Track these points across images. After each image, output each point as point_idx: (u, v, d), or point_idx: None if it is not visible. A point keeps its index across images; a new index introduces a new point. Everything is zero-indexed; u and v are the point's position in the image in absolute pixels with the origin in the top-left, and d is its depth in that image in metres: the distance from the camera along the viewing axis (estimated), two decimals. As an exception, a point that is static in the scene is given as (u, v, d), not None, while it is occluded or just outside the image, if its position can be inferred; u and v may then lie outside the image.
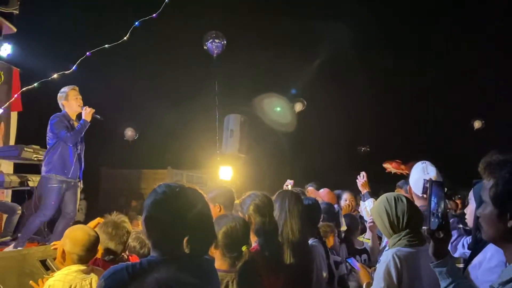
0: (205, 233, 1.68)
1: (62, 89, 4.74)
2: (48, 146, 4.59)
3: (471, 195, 2.50)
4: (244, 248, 2.18)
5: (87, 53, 4.98)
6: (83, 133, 4.61)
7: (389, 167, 5.08)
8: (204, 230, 1.67)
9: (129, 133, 11.15)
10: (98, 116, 4.76)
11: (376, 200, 3.42)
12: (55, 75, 4.98)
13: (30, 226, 4.46)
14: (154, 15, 4.90)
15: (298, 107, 11.65)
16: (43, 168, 4.55)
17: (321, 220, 3.45)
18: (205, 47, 8.20)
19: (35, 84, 5.12)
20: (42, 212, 4.46)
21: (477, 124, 12.04)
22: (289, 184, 4.60)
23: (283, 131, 11.34)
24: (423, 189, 2.96)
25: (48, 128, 4.58)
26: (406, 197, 2.43)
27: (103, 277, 1.55)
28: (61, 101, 4.71)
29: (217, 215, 2.65)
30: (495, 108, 11.00)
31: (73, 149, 4.57)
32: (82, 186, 4.81)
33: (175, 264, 1.57)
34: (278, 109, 11.54)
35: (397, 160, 5.06)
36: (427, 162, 3.29)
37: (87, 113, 4.61)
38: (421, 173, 3.23)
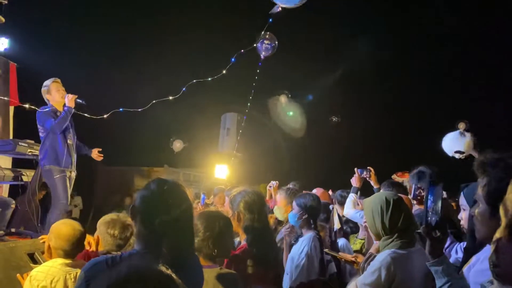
0: (183, 234, 1.67)
1: (44, 83, 4.73)
2: (41, 140, 4.61)
3: (462, 200, 2.46)
4: None
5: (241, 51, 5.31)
6: (68, 119, 4.58)
7: (396, 177, 5.28)
8: (182, 231, 1.66)
9: (177, 144, 11.42)
10: (81, 101, 4.75)
11: (362, 199, 3.41)
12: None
13: (51, 222, 4.38)
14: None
15: (283, 99, 11.55)
16: (41, 162, 4.55)
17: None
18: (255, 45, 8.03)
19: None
20: (57, 204, 4.43)
21: (461, 126, 11.88)
22: (272, 186, 4.62)
23: (280, 130, 11.31)
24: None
25: (37, 121, 4.60)
26: (403, 201, 2.36)
27: (84, 269, 1.56)
28: (45, 95, 4.72)
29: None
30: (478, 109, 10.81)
31: (62, 139, 4.57)
32: (75, 174, 4.77)
33: (155, 257, 1.56)
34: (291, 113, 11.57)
35: (405, 171, 5.26)
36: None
37: (70, 100, 4.62)
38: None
